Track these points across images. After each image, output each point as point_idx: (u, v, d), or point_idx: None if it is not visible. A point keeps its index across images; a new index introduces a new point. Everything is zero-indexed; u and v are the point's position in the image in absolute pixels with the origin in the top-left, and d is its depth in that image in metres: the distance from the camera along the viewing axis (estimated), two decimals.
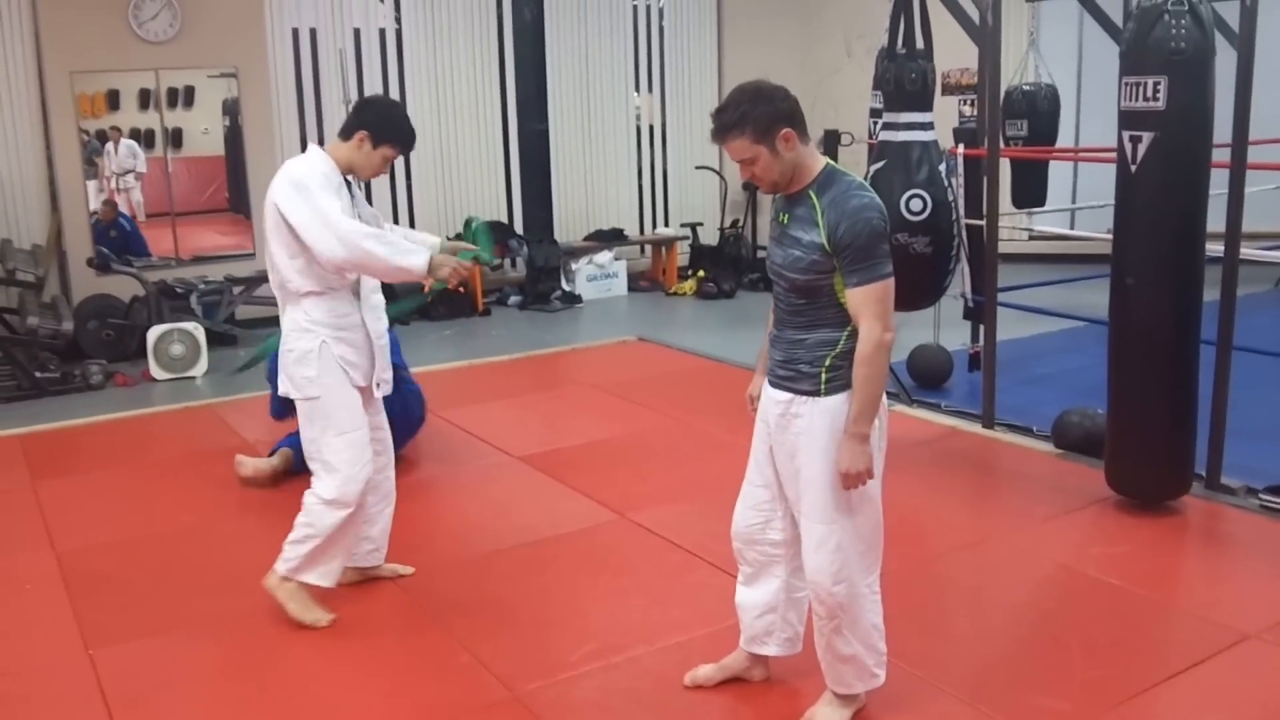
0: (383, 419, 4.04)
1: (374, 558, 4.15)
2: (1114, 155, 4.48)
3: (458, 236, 9.75)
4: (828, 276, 2.81)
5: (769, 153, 2.82)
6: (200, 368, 7.56)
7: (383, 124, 3.78)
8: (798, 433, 2.90)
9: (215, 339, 8.06)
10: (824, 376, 2.86)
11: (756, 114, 2.81)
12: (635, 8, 10.85)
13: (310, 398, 3.74)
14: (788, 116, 2.82)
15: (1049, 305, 7.38)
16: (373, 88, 9.48)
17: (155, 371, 7.48)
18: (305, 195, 3.63)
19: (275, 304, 6.20)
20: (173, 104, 8.59)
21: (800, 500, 2.95)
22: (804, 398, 2.89)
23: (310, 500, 3.80)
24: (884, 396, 2.95)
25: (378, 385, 3.91)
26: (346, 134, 3.81)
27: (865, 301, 2.78)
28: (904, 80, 5.01)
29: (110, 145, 8.52)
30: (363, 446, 3.79)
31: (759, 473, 3.13)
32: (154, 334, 7.51)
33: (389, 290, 4.25)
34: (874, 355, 2.77)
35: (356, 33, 9.40)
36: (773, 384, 3.00)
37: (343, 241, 3.57)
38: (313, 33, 9.19)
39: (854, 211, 2.76)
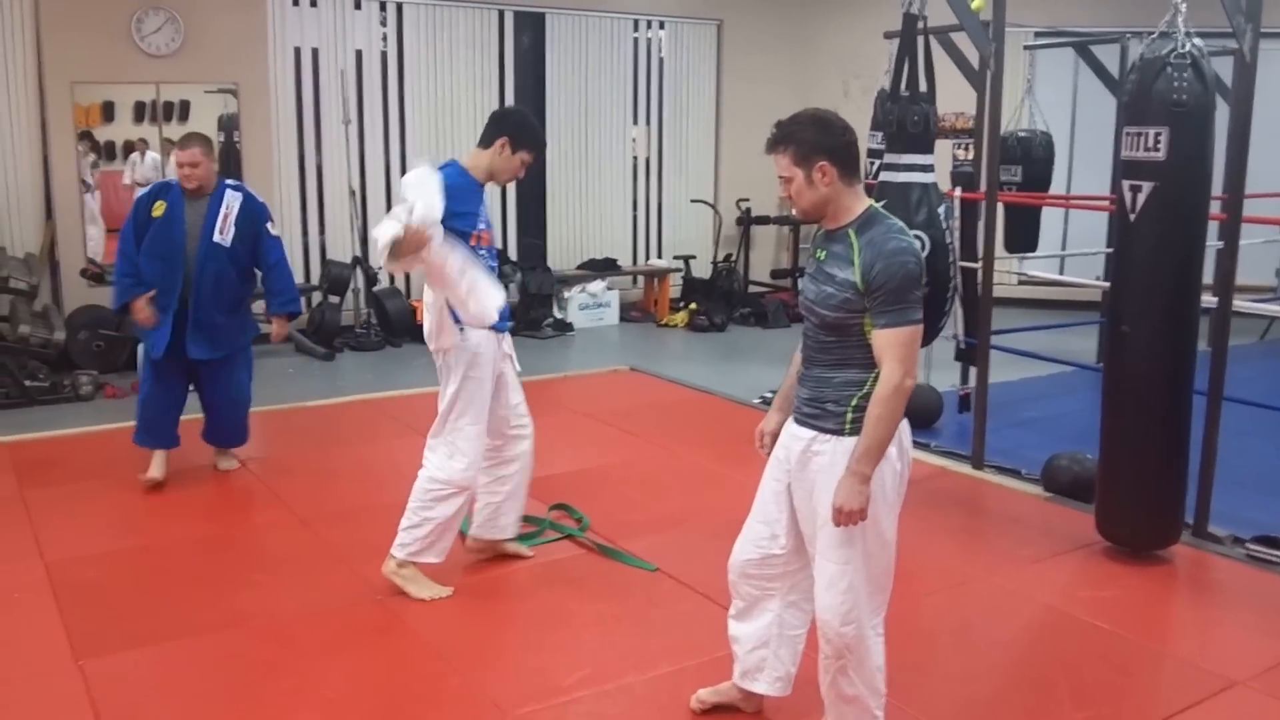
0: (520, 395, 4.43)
1: (509, 530, 4.50)
2: (1106, 204, 4.55)
3: None
4: (858, 316, 2.81)
5: (804, 178, 2.85)
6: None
7: (520, 131, 4.11)
8: (817, 470, 2.89)
9: None
10: (849, 416, 2.85)
11: (803, 137, 2.84)
12: (636, 40, 10.94)
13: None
14: (832, 151, 2.83)
15: (1037, 349, 7.44)
16: (373, 110, 9.53)
17: None
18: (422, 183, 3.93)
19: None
20: (168, 118, 8.60)
21: (815, 538, 2.95)
22: (827, 436, 2.89)
23: (430, 485, 4.11)
24: (910, 443, 2.96)
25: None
26: (487, 142, 4.10)
27: (890, 344, 2.77)
28: (906, 122, 5.06)
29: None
30: (483, 438, 4.19)
31: (763, 509, 3.14)
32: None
33: None
34: (890, 398, 2.76)
35: (358, 54, 9.44)
36: (797, 420, 2.99)
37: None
38: (314, 52, 9.23)
39: (890, 254, 2.77)
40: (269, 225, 5.52)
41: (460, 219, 4.00)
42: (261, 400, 7.04)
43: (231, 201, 5.40)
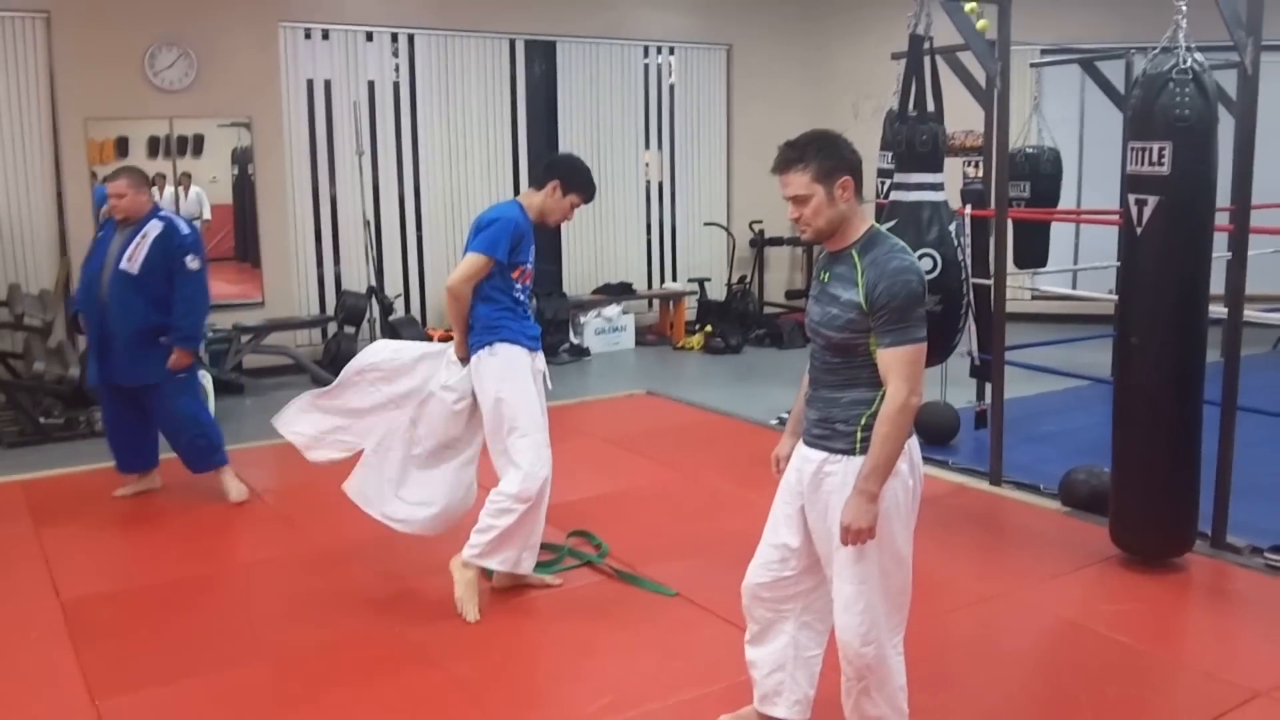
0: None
1: (525, 565, 4.44)
2: (1115, 218, 4.56)
3: None
4: (863, 336, 2.83)
5: (825, 195, 2.85)
6: None
7: (571, 175, 4.36)
8: (830, 491, 2.90)
9: (222, 387, 8.06)
10: (859, 435, 2.86)
11: (823, 154, 2.85)
12: (646, 65, 10.99)
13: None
14: (851, 167, 2.87)
15: (1052, 364, 7.43)
16: (386, 140, 9.60)
17: None
18: (480, 240, 4.23)
19: (282, 355, 6.16)
20: (182, 152, 8.68)
21: (831, 559, 2.95)
22: (838, 456, 2.89)
23: (494, 498, 4.25)
24: (920, 459, 2.97)
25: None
26: (539, 184, 4.35)
27: (895, 363, 2.79)
28: (915, 141, 5.08)
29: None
30: (543, 447, 4.29)
31: (774, 533, 3.13)
32: None
33: None
34: (896, 416, 2.77)
35: (371, 85, 9.51)
36: (807, 443, 3.00)
37: (451, 287, 4.24)
38: (327, 84, 9.30)
39: (894, 273, 2.78)
40: (188, 259, 5.48)
41: (517, 256, 4.26)
42: (278, 433, 7.08)
43: (150, 230, 5.45)
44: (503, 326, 4.24)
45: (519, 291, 4.31)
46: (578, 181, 4.35)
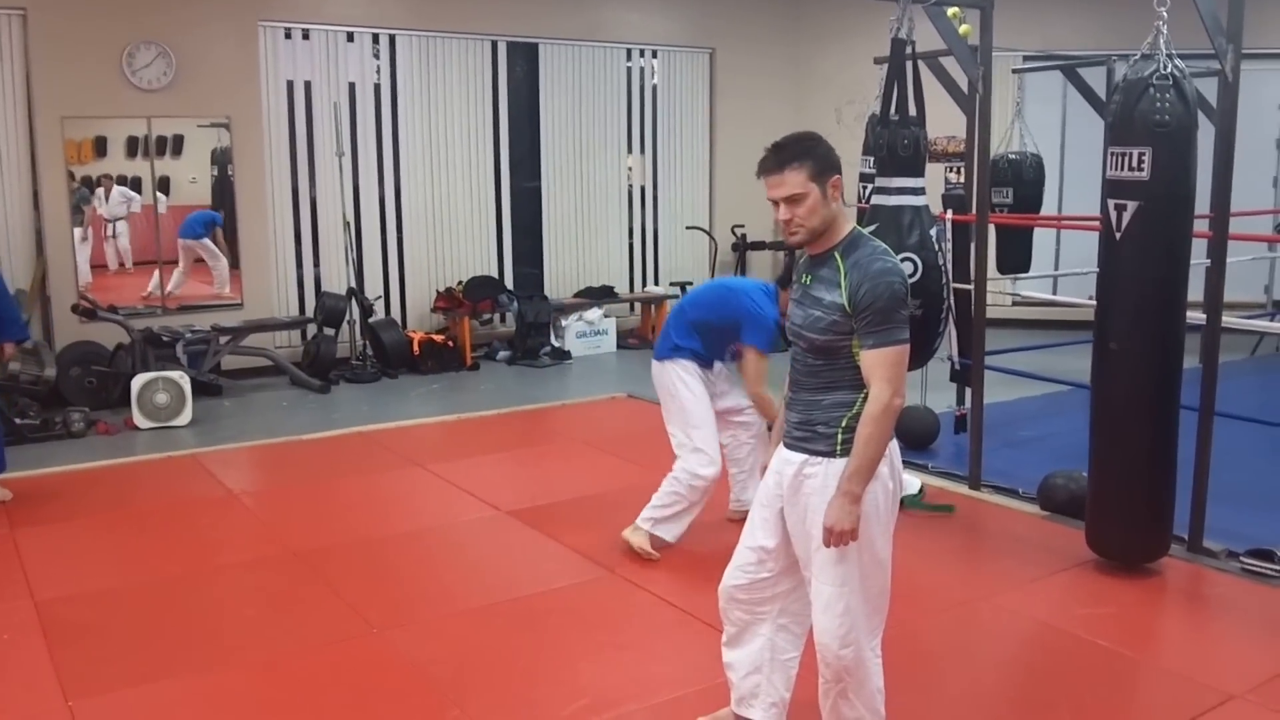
0: None
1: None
2: (1097, 224, 4.56)
3: (447, 290, 9.80)
4: (846, 338, 2.83)
5: (819, 194, 2.85)
6: (185, 417, 7.51)
7: None
8: (810, 493, 2.89)
9: (200, 388, 8.04)
10: (840, 438, 2.85)
11: (818, 153, 2.87)
12: (629, 69, 10.99)
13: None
14: (838, 168, 2.89)
15: (1032, 369, 7.45)
16: (366, 141, 9.57)
17: (139, 420, 7.43)
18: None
19: (261, 356, 6.19)
20: (161, 152, 8.63)
21: (810, 561, 2.94)
22: (818, 458, 2.89)
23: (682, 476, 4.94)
24: (901, 462, 2.97)
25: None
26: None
27: (878, 364, 2.79)
28: (896, 146, 5.09)
29: (101, 192, 8.55)
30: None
31: (751, 535, 3.13)
32: (138, 382, 7.48)
33: None
34: (880, 417, 2.77)
35: (351, 86, 9.48)
36: (788, 445, 3.00)
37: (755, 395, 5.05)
38: (307, 85, 9.26)
39: (876, 274, 2.79)
40: None
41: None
42: (256, 434, 7.07)
43: None
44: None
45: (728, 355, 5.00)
46: None
